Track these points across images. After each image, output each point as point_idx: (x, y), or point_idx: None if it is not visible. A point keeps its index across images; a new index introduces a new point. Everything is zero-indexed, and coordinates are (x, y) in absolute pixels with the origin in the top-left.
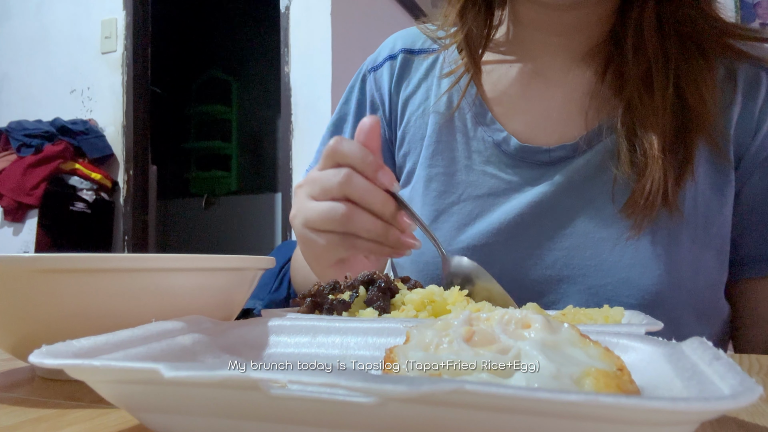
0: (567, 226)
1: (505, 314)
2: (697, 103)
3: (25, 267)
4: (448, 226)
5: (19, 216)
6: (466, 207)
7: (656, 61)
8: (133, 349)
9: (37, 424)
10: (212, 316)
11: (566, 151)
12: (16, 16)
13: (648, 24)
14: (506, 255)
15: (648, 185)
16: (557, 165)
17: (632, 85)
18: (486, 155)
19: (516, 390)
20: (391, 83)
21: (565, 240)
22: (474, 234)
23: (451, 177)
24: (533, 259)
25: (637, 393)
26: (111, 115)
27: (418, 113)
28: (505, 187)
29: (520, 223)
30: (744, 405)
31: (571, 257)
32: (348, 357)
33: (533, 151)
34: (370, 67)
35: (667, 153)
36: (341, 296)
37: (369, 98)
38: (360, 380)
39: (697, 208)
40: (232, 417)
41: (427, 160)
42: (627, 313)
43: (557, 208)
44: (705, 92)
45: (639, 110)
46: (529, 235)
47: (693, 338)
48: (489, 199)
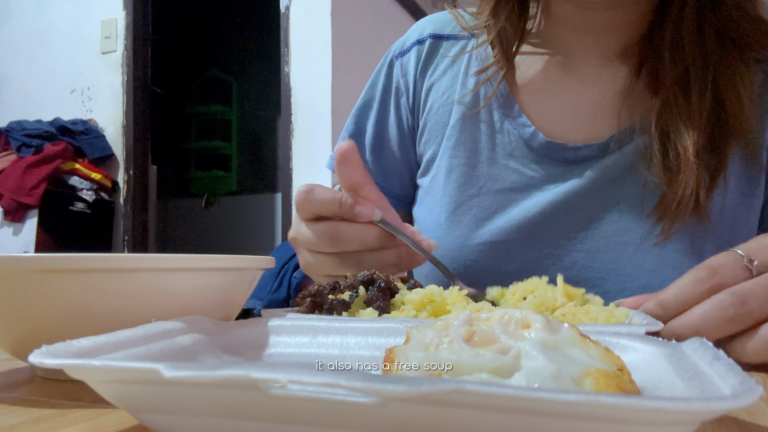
0: (589, 227)
1: (505, 314)
2: (735, 108)
3: (25, 267)
4: (467, 219)
5: (19, 216)
6: (486, 201)
7: (694, 63)
8: (133, 349)
9: (37, 424)
10: (212, 316)
11: (593, 151)
12: (15, 16)
13: (688, 24)
14: (524, 253)
15: (681, 190)
16: (583, 164)
17: (668, 86)
18: (509, 149)
19: (516, 390)
20: (417, 69)
21: (586, 242)
22: (493, 229)
23: (472, 169)
24: (552, 259)
25: (637, 393)
26: (111, 115)
27: (441, 101)
28: (528, 183)
29: (541, 221)
30: (745, 405)
31: (591, 260)
32: (348, 357)
33: (559, 148)
34: (398, 52)
35: (701, 157)
36: (341, 296)
37: (395, 84)
38: (360, 380)
39: (725, 216)
40: (232, 417)
41: (449, 150)
42: (631, 313)
43: (580, 208)
44: (744, 97)
45: (675, 112)
46: (549, 235)
47: (693, 338)
48: (510, 194)
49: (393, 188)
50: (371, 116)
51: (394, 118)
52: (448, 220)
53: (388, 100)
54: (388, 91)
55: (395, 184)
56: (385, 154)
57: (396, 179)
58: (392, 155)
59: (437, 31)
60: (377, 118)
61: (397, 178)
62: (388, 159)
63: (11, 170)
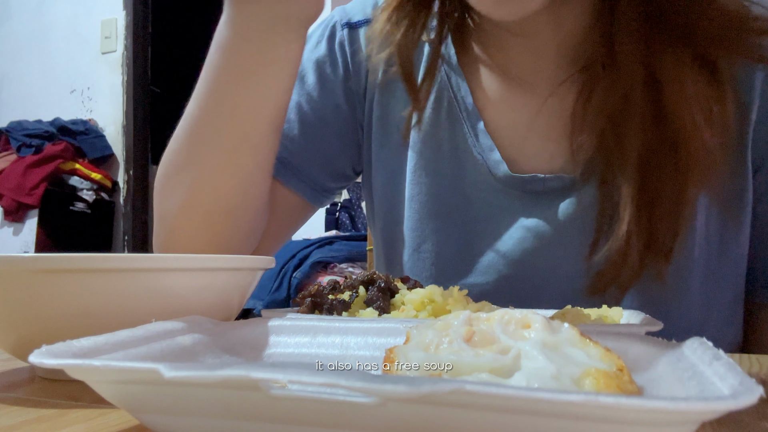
0: (568, 262)
1: (505, 314)
2: (690, 139)
3: (25, 267)
4: (435, 257)
5: (19, 216)
6: (458, 236)
7: (634, 84)
8: (133, 350)
9: (37, 424)
10: (212, 316)
11: (564, 182)
12: (15, 16)
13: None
14: (508, 297)
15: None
16: (552, 195)
17: (603, 118)
18: (474, 176)
19: (516, 390)
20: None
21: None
22: (473, 272)
23: (434, 198)
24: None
25: (637, 393)
26: (111, 115)
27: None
28: (499, 216)
29: (520, 260)
30: (744, 405)
31: (576, 296)
32: (348, 357)
33: (526, 181)
34: (344, 20)
35: (650, 209)
36: (341, 296)
37: (341, 59)
38: (360, 380)
39: (710, 243)
40: (232, 417)
41: (411, 173)
42: (626, 313)
43: (555, 243)
44: (698, 120)
45: (613, 152)
46: (529, 274)
47: (693, 338)
48: (480, 227)
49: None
50: (305, 89)
51: (332, 97)
52: (412, 258)
53: (325, 73)
54: (324, 63)
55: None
56: (314, 135)
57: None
58: (323, 139)
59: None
60: (311, 92)
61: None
62: (318, 141)
63: (11, 170)
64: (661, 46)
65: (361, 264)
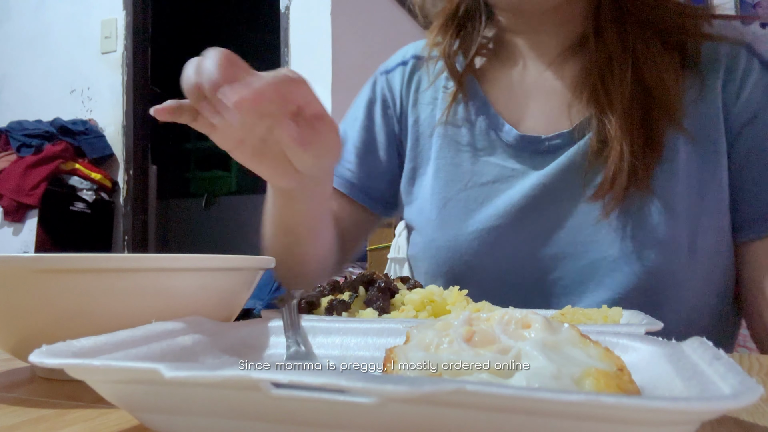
0: (568, 207)
1: (505, 314)
2: (660, 92)
3: (25, 267)
4: (456, 212)
5: (19, 216)
6: (473, 193)
7: (615, 51)
8: (133, 350)
9: (37, 424)
10: (212, 316)
11: (563, 139)
12: (15, 16)
13: (605, 16)
14: (515, 237)
15: (612, 170)
16: (556, 152)
17: (594, 76)
18: (489, 148)
19: (517, 390)
20: (402, 85)
21: (568, 219)
22: (481, 219)
23: (457, 167)
24: (540, 239)
25: (637, 393)
26: (111, 115)
27: (426, 112)
28: (509, 175)
29: (525, 206)
30: (745, 405)
31: (573, 235)
32: (348, 357)
33: (532, 141)
34: (383, 70)
35: (633, 137)
36: (341, 296)
37: (380, 97)
38: (360, 380)
39: (690, 178)
40: (233, 417)
41: (435, 153)
42: (626, 313)
43: (558, 191)
44: (668, 81)
45: (602, 99)
46: (534, 217)
47: (693, 338)
48: (494, 185)
49: (375, 190)
50: (357, 124)
51: (382, 125)
52: (439, 216)
53: (374, 110)
54: (374, 102)
55: (378, 186)
56: (370, 158)
57: (379, 181)
58: (377, 159)
59: (419, 52)
60: (364, 125)
61: (380, 180)
62: (373, 162)
63: (11, 170)
64: (635, 33)
65: (361, 264)
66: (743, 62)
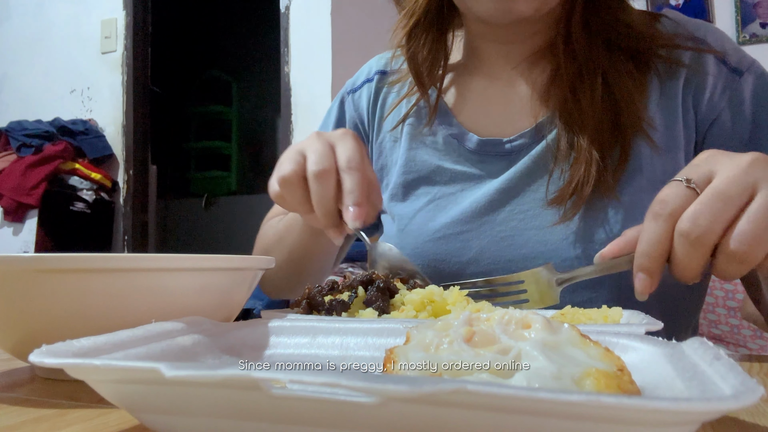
0: (535, 207)
1: (505, 314)
2: (627, 104)
3: (25, 267)
4: (424, 219)
5: (19, 216)
6: (441, 202)
7: (585, 63)
8: (133, 350)
9: (37, 424)
10: (212, 316)
11: (525, 139)
12: (15, 16)
13: (575, 30)
14: (482, 239)
15: (577, 178)
16: (519, 153)
17: (565, 85)
18: (455, 156)
19: (517, 390)
20: (369, 103)
21: (535, 220)
22: (448, 222)
23: (425, 179)
24: (507, 240)
25: (637, 393)
26: (111, 115)
27: (390, 127)
28: (475, 179)
29: (490, 208)
30: (745, 405)
31: (542, 235)
32: (348, 358)
33: (495, 144)
34: (349, 90)
35: (603, 146)
36: (340, 296)
37: (348, 117)
38: (361, 380)
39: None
40: (233, 417)
41: (402, 168)
42: (626, 313)
43: (523, 191)
44: (634, 93)
45: (572, 108)
46: (500, 219)
47: (694, 338)
48: (460, 189)
49: None
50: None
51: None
52: (411, 224)
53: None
54: (342, 122)
55: None
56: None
57: None
58: None
59: (382, 67)
60: None
61: None
62: None
63: (11, 170)
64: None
65: (361, 264)
66: (709, 66)
